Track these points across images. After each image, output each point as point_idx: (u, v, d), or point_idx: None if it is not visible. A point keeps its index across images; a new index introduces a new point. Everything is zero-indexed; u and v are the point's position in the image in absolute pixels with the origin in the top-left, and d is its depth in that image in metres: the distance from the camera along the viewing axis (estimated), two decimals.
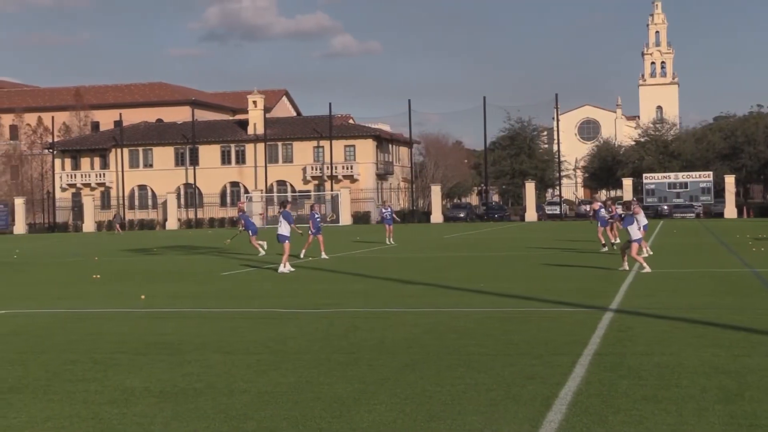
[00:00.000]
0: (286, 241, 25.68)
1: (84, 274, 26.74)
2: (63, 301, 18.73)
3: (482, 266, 25.95)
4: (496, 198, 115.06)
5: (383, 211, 43.61)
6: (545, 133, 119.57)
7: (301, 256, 30.80)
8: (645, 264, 22.34)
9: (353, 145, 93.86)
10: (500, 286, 19.37)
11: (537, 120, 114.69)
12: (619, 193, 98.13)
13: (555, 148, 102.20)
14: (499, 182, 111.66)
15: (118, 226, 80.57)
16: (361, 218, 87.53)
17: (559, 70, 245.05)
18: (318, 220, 31.82)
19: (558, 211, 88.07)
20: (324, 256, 30.89)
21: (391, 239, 41.45)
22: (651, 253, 28.07)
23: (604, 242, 31.43)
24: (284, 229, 25.92)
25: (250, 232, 33.63)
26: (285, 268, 24.93)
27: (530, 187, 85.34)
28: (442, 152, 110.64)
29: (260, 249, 32.93)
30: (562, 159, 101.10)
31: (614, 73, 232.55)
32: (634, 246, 22.50)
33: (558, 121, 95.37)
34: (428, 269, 25.25)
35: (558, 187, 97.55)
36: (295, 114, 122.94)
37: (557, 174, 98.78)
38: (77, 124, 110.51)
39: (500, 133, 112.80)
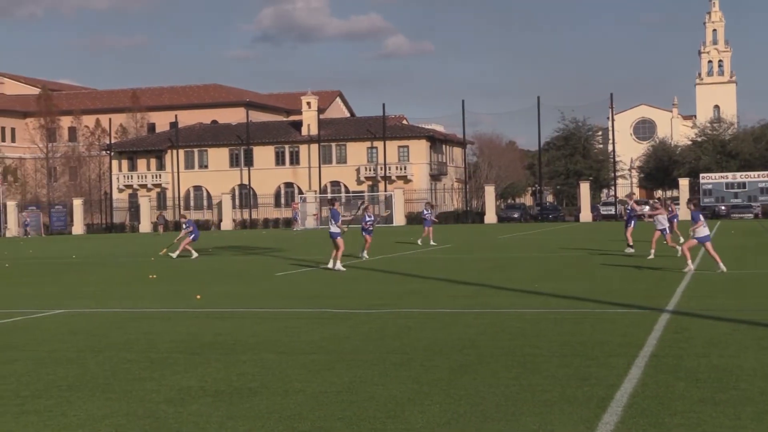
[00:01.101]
0: (338, 238, 25.85)
1: (140, 274, 27.02)
2: (120, 301, 18.93)
3: (536, 267, 25.80)
4: (550, 198, 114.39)
5: (424, 212, 43.76)
6: (600, 133, 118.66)
7: (365, 257, 30.83)
8: (721, 263, 21.84)
9: (407, 146, 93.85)
10: (555, 286, 19.24)
11: (592, 120, 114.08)
12: (675, 193, 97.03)
13: (610, 148, 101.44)
14: (554, 182, 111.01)
15: (161, 226, 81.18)
16: (414, 219, 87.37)
17: (614, 70, 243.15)
18: (370, 221, 31.92)
19: (613, 212, 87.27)
20: (365, 256, 30.95)
21: (426, 239, 41.28)
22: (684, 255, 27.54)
23: (631, 243, 31.04)
24: (333, 227, 26.15)
25: (192, 237, 34.97)
26: (337, 265, 25.04)
27: (585, 188, 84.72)
28: (496, 152, 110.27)
29: (192, 252, 34.46)
30: (617, 159, 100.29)
31: (670, 73, 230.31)
32: (707, 245, 22.15)
33: (613, 120, 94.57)
34: (482, 270, 25.17)
35: (613, 188, 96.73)
36: (348, 115, 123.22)
37: (612, 174, 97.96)
38: (134, 126, 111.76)
39: (554, 133, 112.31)
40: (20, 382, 9.85)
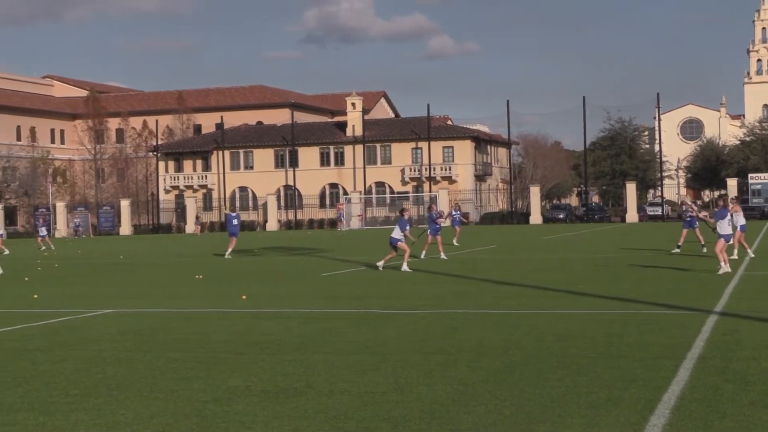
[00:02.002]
0: (399, 243, 26.09)
1: (187, 274, 27.23)
2: (167, 301, 19.10)
3: (582, 268, 25.66)
4: (595, 199, 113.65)
5: (453, 213, 43.62)
6: (646, 132, 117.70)
7: (422, 256, 30.94)
8: (725, 263, 21.81)
9: (451, 146, 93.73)
10: (601, 288, 19.13)
11: (638, 120, 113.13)
12: (723, 193, 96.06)
13: (656, 148, 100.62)
14: (599, 183, 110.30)
15: (198, 227, 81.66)
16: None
17: (661, 69, 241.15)
18: (435, 217, 32.04)
19: (660, 212, 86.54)
20: (443, 256, 30.97)
21: (455, 241, 41.12)
22: (753, 255, 27.37)
23: (703, 242, 30.81)
24: (396, 233, 26.37)
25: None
26: (404, 266, 25.45)
27: (631, 188, 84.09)
28: (541, 153, 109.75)
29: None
30: (663, 159, 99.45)
31: (718, 72, 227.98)
32: (720, 242, 22.12)
33: (660, 120, 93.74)
34: (527, 270, 25.08)
35: (660, 188, 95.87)
36: (393, 115, 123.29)
37: (659, 174, 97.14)
38: (180, 127, 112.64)
39: (600, 133, 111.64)
40: (70, 381, 9.97)
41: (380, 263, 26.21)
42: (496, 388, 9.01)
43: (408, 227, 27.00)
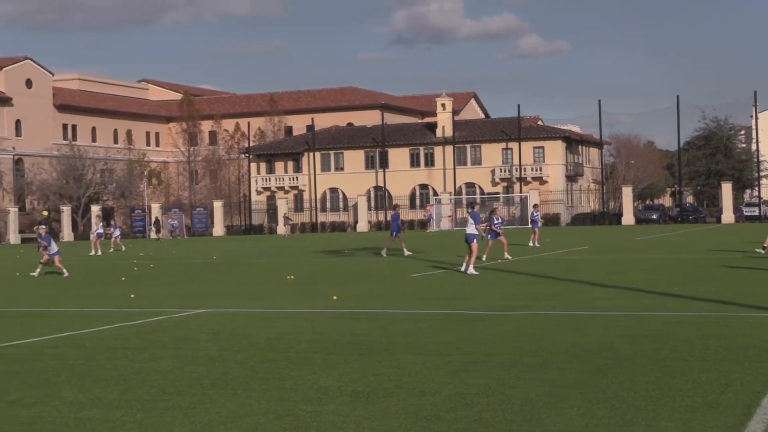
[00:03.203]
0: (474, 241, 25.78)
1: (278, 274, 27.51)
2: (259, 301, 19.32)
3: (676, 269, 25.23)
4: (690, 199, 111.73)
5: (533, 214, 43.29)
6: (743, 132, 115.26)
7: (483, 258, 30.85)
8: None
9: (542, 147, 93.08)
10: (696, 289, 18.79)
11: (734, 118, 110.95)
12: None
13: (753, 147, 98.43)
14: (694, 183, 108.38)
15: (287, 228, 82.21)
16: (550, 220, 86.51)
17: (757, 67, 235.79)
18: (498, 224, 32.01)
19: (757, 213, 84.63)
20: (507, 256, 31.07)
21: (536, 242, 40.77)
22: None
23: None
24: (471, 228, 26.11)
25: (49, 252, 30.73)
26: (470, 269, 25.00)
27: (727, 188, 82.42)
28: (634, 153, 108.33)
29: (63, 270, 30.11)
30: (761, 159, 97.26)
31: None
32: None
33: (757, 119, 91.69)
34: (620, 271, 24.75)
35: (757, 188, 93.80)
36: (483, 116, 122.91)
37: (756, 174, 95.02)
38: (271, 129, 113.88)
39: (695, 132, 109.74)
40: (165, 379, 10.16)
41: (469, 269, 25.54)
42: (588, 390, 8.91)
43: (480, 222, 26.79)
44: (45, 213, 59.54)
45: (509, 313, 15.50)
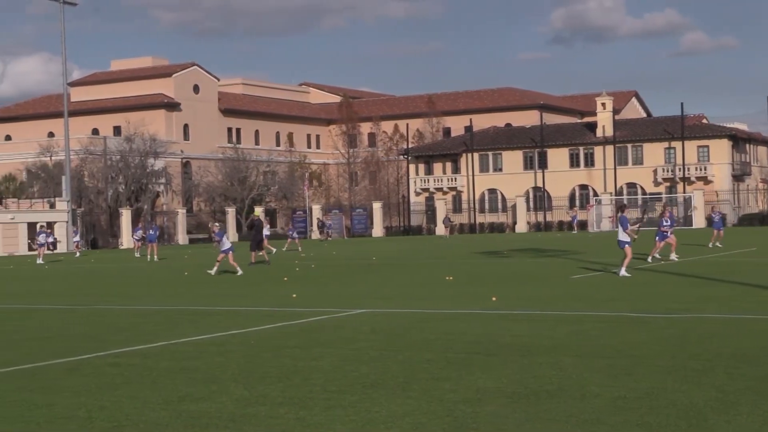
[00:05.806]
0: (626, 246, 25.26)
1: (437, 275, 27.59)
2: (418, 302, 19.43)
3: None
4: None
5: (713, 215, 42.22)
6: None
7: (649, 260, 30.22)
8: None
9: (707, 146, 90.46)
10: None
11: None
12: None
13: None
14: None
15: (447, 229, 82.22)
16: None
17: None
18: (667, 226, 31.42)
19: None
20: (674, 257, 30.42)
21: (718, 242, 39.55)
22: None
23: None
24: (622, 235, 25.59)
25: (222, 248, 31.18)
26: (623, 271, 24.46)
27: None
28: None
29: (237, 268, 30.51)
30: None
31: None
32: None
33: None
34: None
35: None
36: (644, 115, 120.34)
37: None
38: (430, 131, 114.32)
39: None
40: (327, 378, 10.33)
41: (621, 271, 24.96)
42: (758, 396, 8.62)
43: (629, 225, 26.15)
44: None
45: (671, 316, 15.14)
